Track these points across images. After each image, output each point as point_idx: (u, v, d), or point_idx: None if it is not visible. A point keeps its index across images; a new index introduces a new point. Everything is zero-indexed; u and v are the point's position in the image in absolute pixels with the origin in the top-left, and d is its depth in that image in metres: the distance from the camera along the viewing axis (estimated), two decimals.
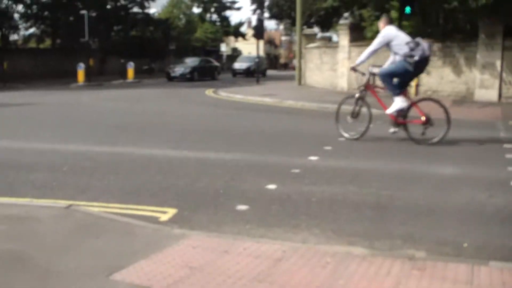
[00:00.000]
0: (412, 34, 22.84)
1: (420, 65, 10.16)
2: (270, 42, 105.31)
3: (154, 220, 5.44)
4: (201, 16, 75.75)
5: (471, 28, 22.44)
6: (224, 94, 23.61)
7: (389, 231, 5.13)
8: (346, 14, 33.27)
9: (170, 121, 13.91)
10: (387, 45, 10.47)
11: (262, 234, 5.02)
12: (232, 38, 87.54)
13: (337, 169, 7.76)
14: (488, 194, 6.45)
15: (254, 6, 46.78)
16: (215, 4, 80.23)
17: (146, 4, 57.14)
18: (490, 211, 5.80)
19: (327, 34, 40.81)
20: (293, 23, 41.08)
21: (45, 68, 41.03)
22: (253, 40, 44.86)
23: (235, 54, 76.39)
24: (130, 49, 45.64)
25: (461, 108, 16.92)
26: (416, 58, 9.86)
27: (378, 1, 21.62)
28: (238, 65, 49.08)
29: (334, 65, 26.11)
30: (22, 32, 46.51)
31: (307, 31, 32.06)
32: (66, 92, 26.31)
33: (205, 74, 40.19)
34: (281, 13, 41.49)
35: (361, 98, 10.92)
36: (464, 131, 12.09)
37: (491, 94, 18.92)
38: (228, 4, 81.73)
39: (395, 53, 10.35)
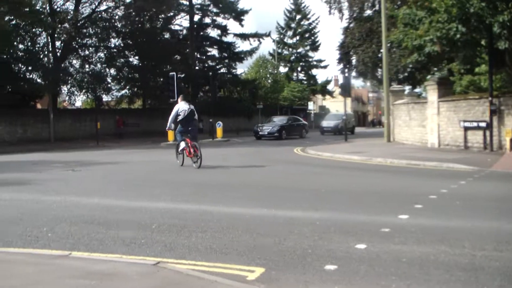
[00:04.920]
0: (502, 87, 22.38)
1: (187, 120, 16.98)
2: (358, 99, 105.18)
3: (242, 279, 5.44)
4: (287, 75, 76.80)
5: None
6: (313, 152, 23.61)
7: None
8: (434, 69, 32.92)
9: (258, 180, 14.01)
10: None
11: None
12: (319, 96, 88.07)
13: (428, 228, 7.53)
14: None
15: (341, 66, 46.99)
16: (301, 63, 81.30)
17: (233, 65, 58.77)
18: None
19: (416, 90, 40.40)
20: (380, 81, 40.96)
21: (136, 128, 42.79)
22: (340, 98, 44.94)
23: (323, 112, 76.64)
24: (218, 109, 46.74)
25: None
26: (180, 117, 16.97)
27: (466, 56, 21.22)
28: (326, 123, 49.08)
29: (423, 121, 25.72)
30: (115, 93, 48.87)
31: (395, 87, 31.89)
32: (156, 151, 27.08)
33: (293, 133, 40.46)
34: (367, 71, 41.45)
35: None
36: None
37: None
38: (314, 63, 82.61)
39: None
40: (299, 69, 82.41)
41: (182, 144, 17.17)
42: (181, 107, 17.08)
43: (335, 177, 14.80)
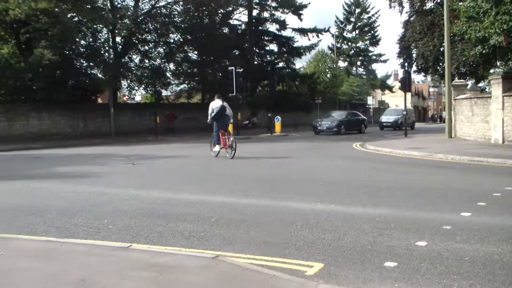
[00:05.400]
0: None
1: (219, 116, 19.03)
2: (418, 94, 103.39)
3: (300, 274, 5.43)
4: (347, 70, 76.16)
5: None
6: (371, 147, 23.36)
7: None
8: (498, 63, 31.98)
9: (317, 175, 13.94)
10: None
11: None
12: (378, 91, 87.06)
13: (491, 226, 7.33)
14: None
15: (401, 60, 46.19)
16: (361, 58, 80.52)
17: (291, 59, 58.64)
18: None
19: (479, 85, 39.41)
20: (441, 75, 40.09)
21: (194, 122, 43.27)
22: (400, 93, 44.22)
23: (382, 107, 75.74)
24: (276, 103, 46.71)
25: None
26: (213, 114, 19.08)
27: None
28: (385, 118, 48.47)
29: (486, 117, 25.06)
30: (174, 88, 49.54)
31: (457, 82, 31.17)
32: None
33: (352, 128, 40.11)
34: (428, 65, 40.60)
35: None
36: None
37: None
38: (374, 57, 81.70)
39: None
40: (358, 63, 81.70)
41: (217, 147, 19.35)
42: (214, 104, 19.42)
43: (394, 173, 14.58)
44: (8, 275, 5.41)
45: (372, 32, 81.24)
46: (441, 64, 37.38)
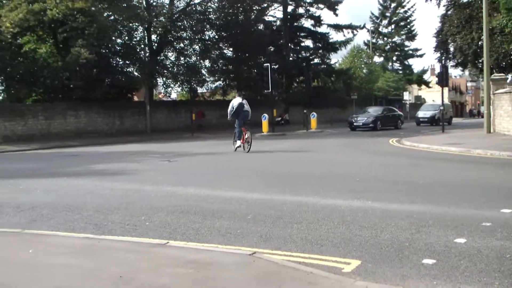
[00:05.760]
0: None
1: (238, 112, 20.41)
2: (455, 89, 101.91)
3: (337, 271, 5.40)
4: (383, 65, 75.42)
5: None
6: (408, 143, 23.11)
7: None
8: None
9: (353, 171, 13.84)
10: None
11: None
12: (415, 86, 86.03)
13: None
14: None
15: (438, 54, 45.53)
16: (397, 53, 79.67)
17: (327, 55, 58.28)
18: None
19: None
20: (479, 69, 39.43)
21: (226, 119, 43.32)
22: (437, 88, 43.71)
23: (418, 102, 74.83)
24: (312, 100, 46.47)
25: None
26: (233, 110, 20.49)
27: None
28: (422, 113, 47.81)
29: None
30: (210, 85, 49.70)
31: (496, 76, 30.61)
32: None
33: (388, 123, 39.74)
34: (466, 59, 39.96)
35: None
36: None
37: None
38: (410, 52, 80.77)
39: None
40: (394, 58, 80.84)
41: (238, 143, 20.40)
42: (234, 102, 20.95)
43: (432, 169, 14.38)
44: (46, 271, 5.50)
45: (408, 26, 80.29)
46: (479, 58, 36.80)
